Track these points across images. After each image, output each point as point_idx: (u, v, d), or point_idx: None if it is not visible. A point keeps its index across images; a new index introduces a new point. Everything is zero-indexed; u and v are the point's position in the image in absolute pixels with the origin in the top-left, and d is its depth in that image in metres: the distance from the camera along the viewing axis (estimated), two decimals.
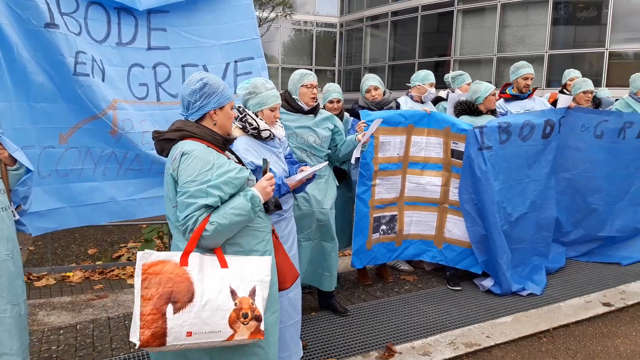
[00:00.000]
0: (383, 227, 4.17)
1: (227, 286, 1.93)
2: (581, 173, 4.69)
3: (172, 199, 2.05)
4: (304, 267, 3.49)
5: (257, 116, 2.67)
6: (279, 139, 2.83)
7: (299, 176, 2.69)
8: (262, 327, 1.96)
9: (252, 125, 2.64)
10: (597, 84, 15.32)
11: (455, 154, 4.12)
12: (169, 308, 1.84)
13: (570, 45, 17.52)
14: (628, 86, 5.32)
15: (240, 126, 2.67)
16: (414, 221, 4.31)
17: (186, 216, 1.94)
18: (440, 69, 20.11)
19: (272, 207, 2.23)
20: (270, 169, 2.28)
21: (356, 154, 3.56)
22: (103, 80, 2.86)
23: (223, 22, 3.24)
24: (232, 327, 1.91)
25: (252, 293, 1.97)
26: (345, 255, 4.69)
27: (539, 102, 4.78)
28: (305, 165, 2.97)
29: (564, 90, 5.28)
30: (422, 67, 20.60)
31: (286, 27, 25.65)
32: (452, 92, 5.28)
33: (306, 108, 3.41)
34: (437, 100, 5.29)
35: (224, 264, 1.99)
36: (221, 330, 1.90)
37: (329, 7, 26.47)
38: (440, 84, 5.66)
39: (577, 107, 4.62)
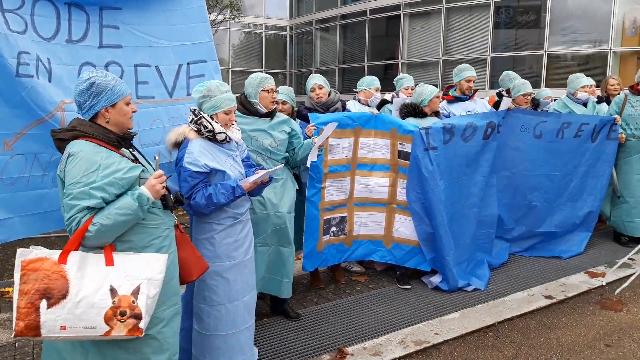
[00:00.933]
0: (333, 228, 4.19)
1: (107, 284, 2.00)
2: (521, 172, 4.88)
3: (62, 199, 2.06)
4: (260, 274, 3.44)
5: (212, 119, 2.65)
6: (236, 142, 2.81)
7: (252, 178, 2.69)
8: (141, 325, 2.02)
9: (207, 128, 2.62)
10: (537, 85, 16.06)
11: (402, 155, 4.19)
12: (43, 303, 1.94)
13: (512, 48, 18.26)
14: (566, 87, 5.59)
15: (195, 129, 2.64)
16: (363, 222, 4.35)
17: (69, 217, 1.99)
18: (389, 72, 20.49)
19: (171, 203, 2.25)
20: (170, 168, 2.27)
21: (312, 157, 3.55)
22: (49, 80, 2.72)
23: (174, 23, 3.17)
24: (108, 324, 1.98)
25: (136, 291, 2.02)
26: (298, 259, 4.67)
27: (480, 103, 4.96)
28: (261, 168, 2.95)
29: (505, 93, 5.48)
30: (371, 70, 21.07)
31: (235, 29, 25.38)
32: (396, 94, 5.39)
33: (264, 111, 3.39)
34: (382, 103, 5.38)
35: (109, 262, 2.03)
36: (96, 326, 1.97)
37: (278, 10, 26.41)
38: (390, 87, 5.76)
39: (517, 108, 4.81)
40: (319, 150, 3.59)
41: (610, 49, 15.74)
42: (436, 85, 9.10)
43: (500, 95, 5.47)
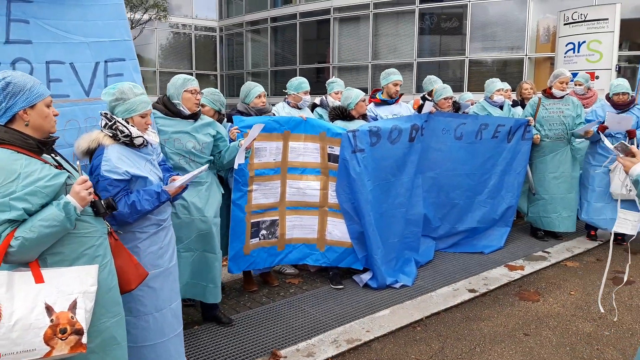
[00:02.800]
0: (263, 232, 4.17)
1: (42, 302, 1.89)
2: (444, 172, 5.11)
3: None
4: (184, 280, 3.36)
5: (127, 123, 2.53)
6: (152, 146, 2.71)
7: (178, 182, 2.61)
8: (84, 340, 1.94)
9: (124, 132, 2.50)
10: (459, 89, 16.87)
11: (332, 157, 4.25)
12: None
13: (436, 53, 19.08)
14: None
15: (111, 134, 2.51)
16: (296, 225, 4.36)
17: None
18: (321, 75, 20.73)
19: (102, 209, 2.15)
20: (85, 173, 2.18)
21: (239, 160, 3.51)
22: None
23: (90, 19, 2.99)
24: (48, 344, 1.87)
25: (73, 306, 1.93)
26: (224, 265, 4.60)
27: (405, 107, 5.14)
28: (177, 174, 2.87)
29: (428, 97, 5.71)
30: (303, 73, 21.16)
31: (163, 29, 24.65)
32: (326, 98, 5.47)
33: (187, 113, 3.30)
34: (313, 106, 5.43)
35: (39, 279, 1.91)
36: (35, 349, 1.86)
37: (207, 11, 25.95)
38: (322, 90, 5.83)
39: (438, 112, 5.03)
40: (245, 152, 3.55)
41: (526, 55, 16.85)
42: (366, 89, 9.35)
43: (424, 99, 5.69)
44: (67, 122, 2.76)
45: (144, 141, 2.58)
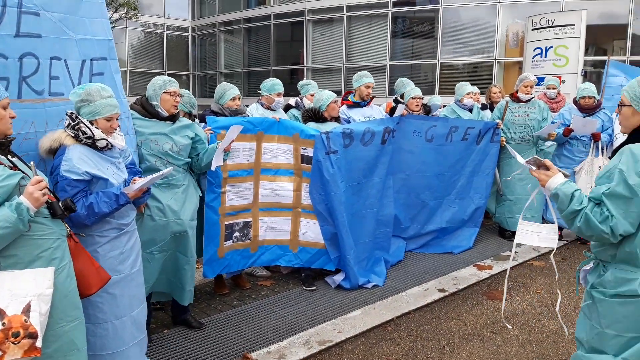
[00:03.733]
0: (236, 234, 4.15)
1: None
2: (415, 173, 5.18)
3: None
4: (154, 278, 3.32)
5: (92, 124, 2.48)
6: (119, 149, 2.66)
7: (137, 185, 2.55)
8: (38, 344, 1.91)
9: (86, 134, 2.45)
10: (431, 92, 17.10)
11: (305, 159, 4.26)
12: None
13: (409, 56, 19.32)
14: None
15: (73, 134, 2.45)
16: (269, 227, 4.35)
17: None
18: (295, 77, 20.73)
19: (60, 211, 2.11)
20: (38, 172, 2.13)
21: (217, 162, 3.46)
22: None
23: (79, 14, 2.86)
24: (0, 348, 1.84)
25: (27, 310, 1.90)
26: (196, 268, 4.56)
27: (377, 110, 5.20)
28: (140, 176, 2.82)
29: (399, 99, 5.78)
30: (277, 74, 21.11)
31: (134, 29, 24.27)
32: (301, 99, 5.48)
33: (165, 114, 3.27)
34: (287, 108, 5.43)
35: None
36: None
37: (179, 11, 25.66)
38: (296, 91, 5.83)
39: (409, 114, 5.10)
40: (224, 154, 3.53)
41: (495, 59, 17.22)
42: (339, 91, 9.41)
43: (397, 101, 5.76)
44: (60, 122, 2.68)
45: (107, 144, 2.53)
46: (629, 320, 1.95)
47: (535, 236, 2.33)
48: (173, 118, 3.32)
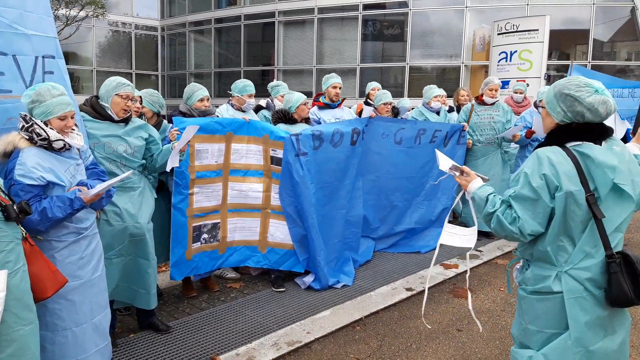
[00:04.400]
0: (204, 235, 4.12)
1: None
2: (384, 175, 5.26)
3: None
4: (113, 284, 3.25)
5: (46, 125, 2.42)
6: (78, 149, 2.60)
7: (94, 190, 2.48)
8: None
9: (41, 135, 2.38)
10: (400, 94, 17.33)
11: (275, 160, 4.27)
12: None
13: (379, 59, 19.51)
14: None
15: (27, 137, 2.39)
16: (237, 228, 4.34)
17: None
18: (266, 78, 20.66)
19: (14, 214, 2.07)
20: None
21: (173, 162, 3.40)
22: None
23: (28, 9, 2.78)
24: None
25: None
26: (164, 271, 4.51)
27: (347, 111, 5.25)
28: (104, 176, 2.77)
29: (368, 100, 5.85)
30: (247, 75, 21.01)
31: (101, 27, 23.75)
32: (272, 100, 5.48)
33: (115, 118, 3.19)
34: (258, 109, 5.42)
35: None
36: None
37: (148, 10, 25.23)
38: (267, 92, 5.83)
39: (378, 116, 5.16)
40: (180, 155, 3.47)
41: (463, 62, 17.56)
42: (311, 93, 9.46)
43: (367, 103, 5.82)
44: (7, 120, 2.60)
45: (64, 145, 2.47)
46: (547, 317, 2.03)
47: (457, 238, 2.42)
48: (126, 120, 3.26)
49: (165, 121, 4.08)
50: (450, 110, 6.54)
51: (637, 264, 1.92)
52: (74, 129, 2.55)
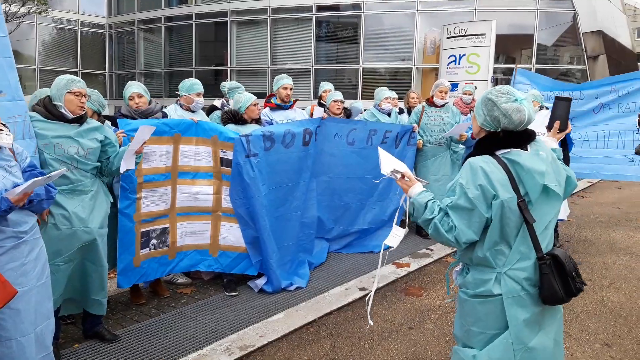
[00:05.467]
0: (153, 241, 4.00)
1: None
2: (337, 175, 5.28)
3: None
4: (61, 290, 3.12)
5: None
6: (9, 150, 2.47)
7: (20, 189, 2.33)
8: None
9: None
10: (354, 96, 17.49)
11: (224, 162, 4.20)
12: None
13: (333, 61, 19.62)
14: None
15: None
16: (187, 232, 4.24)
17: None
18: (218, 78, 20.36)
19: None
20: None
21: (128, 164, 3.28)
22: None
23: None
24: None
25: None
26: (112, 278, 4.35)
27: (300, 112, 5.24)
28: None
29: (321, 101, 5.86)
30: (200, 74, 20.65)
31: (45, 24, 22.73)
32: (227, 101, 5.39)
33: (70, 116, 3.08)
34: (212, 109, 5.32)
35: None
36: None
37: (95, 7, 24.34)
38: (218, 93, 5.74)
39: (330, 117, 5.18)
40: (136, 157, 3.37)
41: (414, 65, 17.92)
42: (265, 94, 9.40)
43: (321, 104, 5.83)
44: None
45: None
46: (489, 319, 2.11)
47: (397, 239, 2.46)
48: (80, 120, 3.15)
49: (108, 122, 3.92)
50: (401, 112, 6.65)
51: (567, 264, 2.02)
52: (2, 129, 2.43)
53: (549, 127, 2.60)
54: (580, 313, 4.08)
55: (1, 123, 2.46)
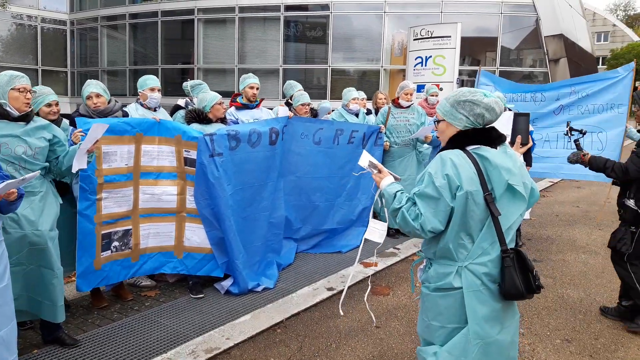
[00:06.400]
0: (115, 243, 3.89)
1: None
2: (305, 175, 5.27)
3: None
4: (16, 293, 2.98)
5: None
6: None
7: None
8: None
9: None
10: (323, 96, 17.51)
11: (188, 161, 4.12)
12: None
13: (302, 60, 19.60)
14: None
15: None
16: (151, 234, 4.15)
17: None
18: (185, 77, 20.03)
19: None
20: None
21: (80, 164, 3.18)
22: None
23: None
24: None
25: None
26: (73, 281, 4.22)
27: (266, 112, 5.20)
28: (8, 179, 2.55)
29: (289, 100, 5.83)
30: (166, 73, 20.32)
31: (3, 20, 21.91)
32: (191, 100, 5.30)
33: (15, 114, 2.96)
34: (176, 109, 5.22)
35: None
36: None
37: (56, 3, 23.61)
38: (183, 92, 5.63)
39: (296, 117, 5.16)
40: (88, 156, 3.25)
41: (382, 66, 18.08)
42: (232, 92, 9.33)
43: (288, 104, 5.80)
44: None
45: None
46: (449, 312, 2.16)
47: (377, 233, 2.54)
48: (26, 118, 3.03)
49: (65, 120, 3.80)
50: (369, 112, 6.69)
51: (528, 260, 2.08)
52: None
53: (512, 142, 2.69)
54: (541, 309, 4.19)
55: None
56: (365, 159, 2.48)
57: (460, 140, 2.15)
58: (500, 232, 2.07)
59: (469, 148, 2.12)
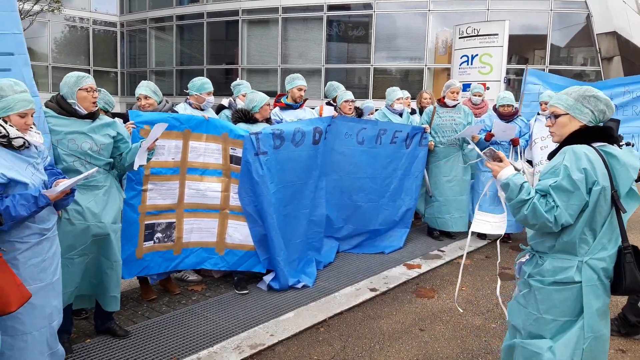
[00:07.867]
0: (158, 234, 4.00)
1: None
2: (347, 174, 5.26)
3: None
4: (75, 283, 3.15)
5: (5, 122, 2.33)
6: (37, 148, 2.51)
7: (60, 187, 2.41)
8: None
9: (1, 133, 2.30)
10: (365, 95, 17.44)
11: (234, 159, 4.19)
12: None
13: (344, 60, 19.59)
14: None
15: None
16: (194, 229, 4.23)
17: None
18: (229, 77, 20.41)
19: None
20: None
21: (141, 161, 3.31)
22: None
23: None
24: None
25: None
26: None
27: (309, 112, 5.22)
28: (63, 178, 2.67)
29: (332, 102, 5.84)
30: (210, 73, 20.71)
31: (58, 22, 22.95)
32: (234, 100, 5.39)
33: (83, 112, 3.11)
34: (220, 108, 5.32)
35: None
36: None
37: (107, 5, 24.54)
38: (230, 92, 5.73)
39: (340, 116, 5.16)
40: (148, 153, 3.38)
41: (426, 65, 17.84)
42: (275, 92, 9.37)
43: (329, 104, 5.81)
44: None
45: (24, 142, 2.39)
46: (564, 305, 2.18)
47: (488, 225, 2.52)
48: (92, 116, 3.17)
49: (119, 119, 3.94)
50: (413, 112, 6.61)
51: None
52: (32, 128, 2.48)
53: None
54: None
55: (33, 123, 2.50)
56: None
57: (585, 136, 2.16)
58: (623, 229, 2.12)
59: (595, 145, 2.14)
